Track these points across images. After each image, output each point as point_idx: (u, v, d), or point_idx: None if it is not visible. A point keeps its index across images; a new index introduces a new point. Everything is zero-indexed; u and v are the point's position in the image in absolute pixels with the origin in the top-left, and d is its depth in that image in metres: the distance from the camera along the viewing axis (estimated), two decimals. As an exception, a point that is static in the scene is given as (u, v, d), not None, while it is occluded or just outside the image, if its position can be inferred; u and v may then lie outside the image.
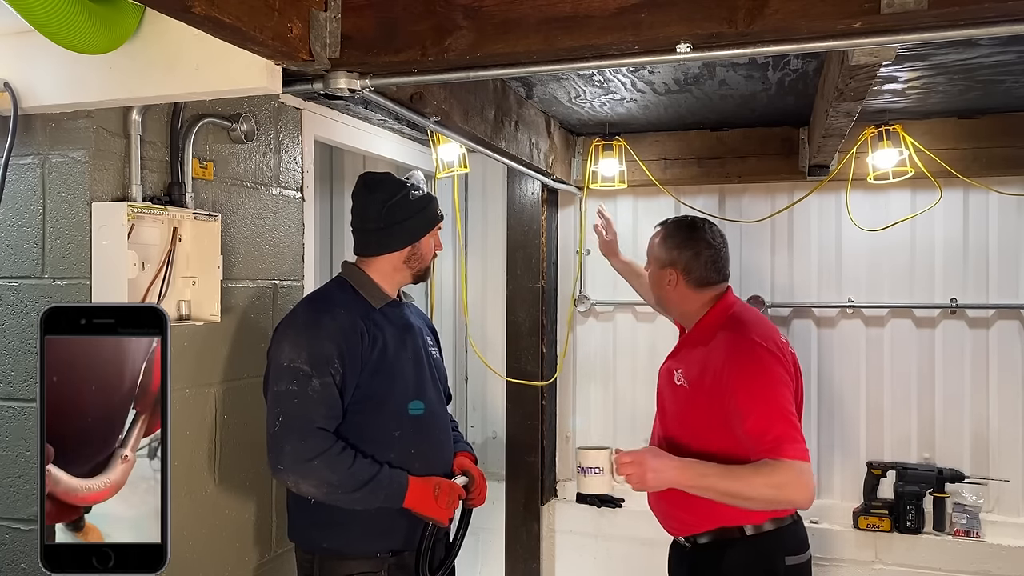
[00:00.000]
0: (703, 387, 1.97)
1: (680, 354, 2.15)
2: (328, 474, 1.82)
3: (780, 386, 1.90)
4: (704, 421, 1.97)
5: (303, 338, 1.88)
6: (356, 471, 1.85)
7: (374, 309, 2.01)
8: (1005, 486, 3.13)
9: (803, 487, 1.82)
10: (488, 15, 1.48)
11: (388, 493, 1.88)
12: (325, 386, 1.85)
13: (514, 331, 3.53)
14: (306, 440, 1.82)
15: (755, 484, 1.82)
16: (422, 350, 2.09)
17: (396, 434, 1.96)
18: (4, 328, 1.81)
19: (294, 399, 1.83)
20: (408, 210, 2.02)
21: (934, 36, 1.35)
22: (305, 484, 1.83)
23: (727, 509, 1.93)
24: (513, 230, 3.53)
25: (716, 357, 1.96)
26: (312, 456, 1.81)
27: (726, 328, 2.03)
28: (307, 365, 1.84)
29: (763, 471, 1.82)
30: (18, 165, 1.78)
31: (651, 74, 2.48)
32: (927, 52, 2.17)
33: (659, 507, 2.15)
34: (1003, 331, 3.15)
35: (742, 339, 1.97)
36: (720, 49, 1.43)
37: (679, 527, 2.12)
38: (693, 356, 2.06)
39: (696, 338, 2.10)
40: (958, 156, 2.98)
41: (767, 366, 1.91)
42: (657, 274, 2.17)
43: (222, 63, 1.52)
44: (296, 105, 2.38)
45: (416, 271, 2.09)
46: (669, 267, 2.13)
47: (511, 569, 3.54)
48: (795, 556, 2.02)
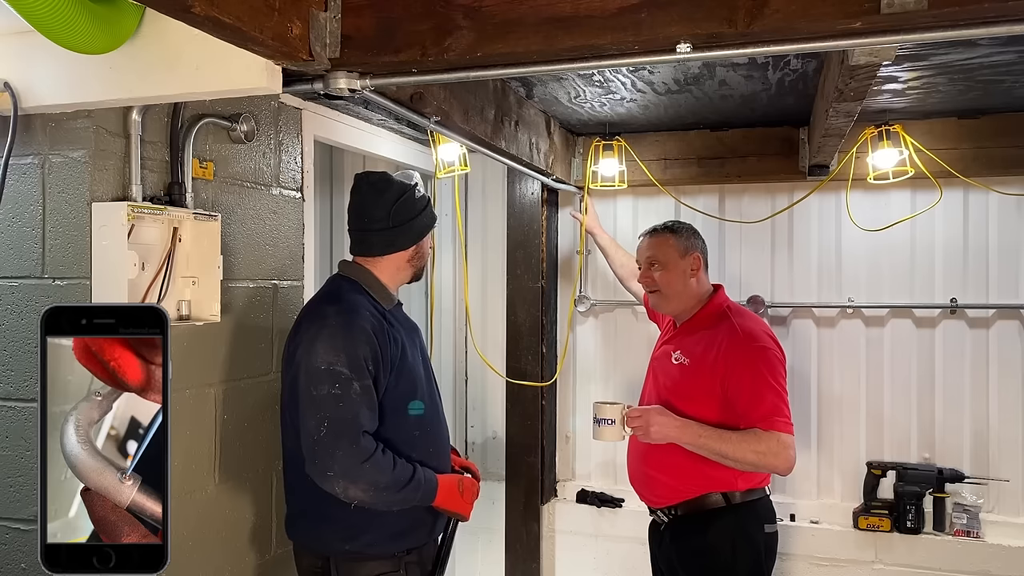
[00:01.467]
0: (706, 363, 2.28)
1: (677, 338, 2.43)
2: (377, 476, 1.82)
3: (779, 366, 2.24)
4: (702, 391, 2.27)
5: (339, 340, 1.86)
6: (399, 472, 1.86)
7: (387, 310, 2.03)
8: (1005, 486, 3.13)
9: (784, 457, 2.17)
10: (488, 15, 1.48)
11: (424, 492, 1.91)
12: (366, 389, 1.85)
13: (514, 331, 3.53)
14: (357, 444, 1.81)
15: (743, 448, 2.17)
16: (425, 350, 2.15)
17: (416, 434, 1.98)
18: (4, 328, 1.80)
19: (339, 403, 1.81)
20: (415, 209, 2.05)
21: (934, 36, 1.35)
22: (354, 489, 1.81)
23: (714, 475, 2.25)
24: (513, 230, 3.53)
25: (722, 339, 2.28)
26: (363, 459, 1.81)
27: (729, 316, 2.35)
28: (347, 368, 1.83)
29: (750, 438, 2.17)
30: (18, 165, 1.78)
31: (651, 74, 2.48)
32: (927, 52, 2.17)
33: (646, 476, 2.40)
34: (1003, 331, 3.15)
35: (751, 325, 2.31)
36: (720, 49, 1.43)
37: (664, 494, 2.37)
38: (694, 339, 2.36)
39: (697, 324, 2.40)
40: (958, 156, 2.98)
41: (769, 348, 2.26)
42: (680, 264, 2.40)
43: (222, 63, 1.52)
44: (296, 105, 2.38)
45: (416, 269, 2.12)
46: (693, 252, 2.42)
47: (511, 569, 3.54)
48: (770, 525, 2.36)
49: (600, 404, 2.31)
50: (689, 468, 2.30)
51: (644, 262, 2.48)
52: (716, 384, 2.25)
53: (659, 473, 2.37)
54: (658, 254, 2.44)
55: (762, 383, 2.20)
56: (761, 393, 2.20)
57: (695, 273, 2.42)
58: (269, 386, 2.20)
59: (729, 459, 2.20)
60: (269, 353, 2.24)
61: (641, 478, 2.45)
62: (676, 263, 2.41)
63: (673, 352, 2.40)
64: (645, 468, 2.42)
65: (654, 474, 2.39)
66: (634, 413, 2.27)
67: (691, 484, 2.32)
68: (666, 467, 2.35)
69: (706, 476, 2.29)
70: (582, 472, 3.68)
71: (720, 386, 2.25)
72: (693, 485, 2.32)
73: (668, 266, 2.42)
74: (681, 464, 2.31)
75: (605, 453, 3.59)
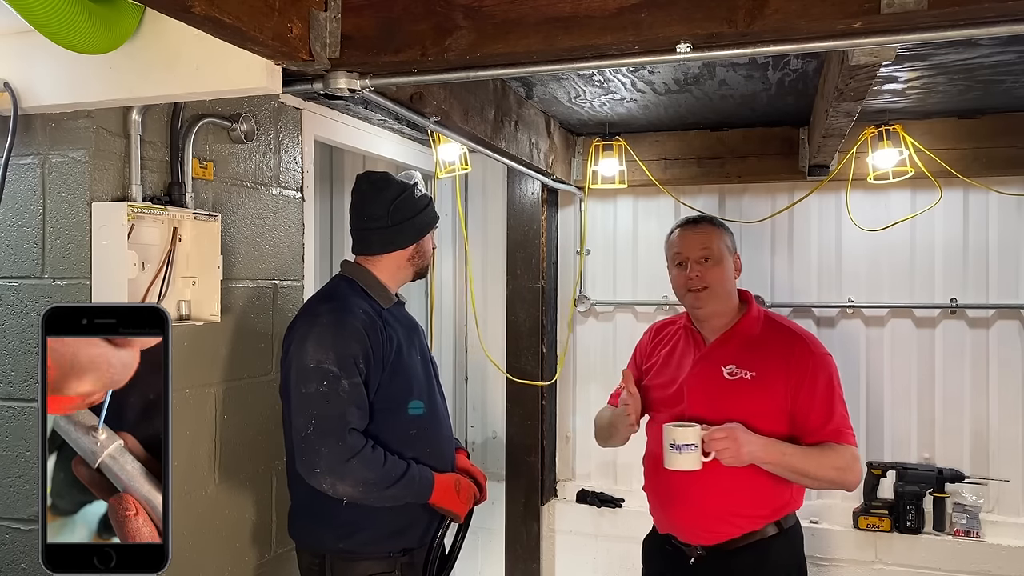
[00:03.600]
0: (776, 375, 2.06)
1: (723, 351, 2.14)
2: (366, 473, 1.83)
3: (839, 382, 2.10)
4: (773, 406, 2.05)
5: (328, 339, 1.88)
6: (389, 468, 1.87)
7: (384, 309, 2.02)
8: (1005, 486, 3.13)
9: (858, 471, 2.04)
10: (488, 15, 1.48)
11: (418, 489, 1.91)
12: (355, 386, 1.86)
13: (514, 331, 3.53)
14: (343, 441, 1.82)
15: (824, 465, 2.00)
16: (425, 349, 2.13)
17: (413, 433, 1.98)
18: (4, 328, 1.80)
19: (326, 400, 1.83)
20: (414, 207, 2.05)
21: (934, 36, 1.35)
22: (343, 485, 1.83)
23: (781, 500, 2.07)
24: (513, 230, 3.53)
25: (789, 349, 2.09)
26: (350, 456, 1.82)
27: (783, 324, 2.18)
28: (335, 366, 1.84)
29: (829, 453, 2.01)
30: (18, 165, 1.78)
31: (651, 74, 2.48)
32: (927, 52, 2.17)
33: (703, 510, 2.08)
34: (1003, 331, 3.15)
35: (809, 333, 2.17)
36: (720, 49, 1.43)
37: (726, 529, 2.07)
38: (752, 350, 2.12)
39: (746, 334, 2.15)
40: (958, 156, 2.98)
41: (831, 356, 2.12)
42: (729, 263, 2.16)
43: (222, 63, 1.52)
44: (296, 105, 2.38)
45: (418, 268, 2.11)
46: (735, 253, 2.21)
47: (511, 569, 3.54)
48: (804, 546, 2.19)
49: (675, 427, 1.98)
50: (766, 493, 2.05)
51: (692, 256, 2.13)
52: (787, 398, 2.04)
53: (725, 505, 2.06)
54: (712, 247, 2.13)
55: (833, 394, 2.05)
56: (832, 405, 2.04)
57: (738, 275, 2.20)
58: (269, 386, 2.20)
59: (808, 477, 2.02)
60: (269, 353, 2.24)
61: (693, 513, 2.10)
62: (726, 258, 2.15)
63: (724, 367, 2.11)
64: (704, 501, 2.06)
65: (716, 506, 2.06)
66: (718, 434, 1.94)
67: (763, 512, 2.07)
68: (737, 496, 2.05)
69: (780, 501, 2.08)
70: (582, 472, 3.68)
71: (791, 399, 2.04)
72: (765, 512, 2.07)
73: (722, 261, 2.13)
74: (758, 490, 2.04)
75: (605, 454, 3.58)
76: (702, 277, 2.12)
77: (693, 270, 2.13)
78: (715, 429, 1.96)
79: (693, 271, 2.13)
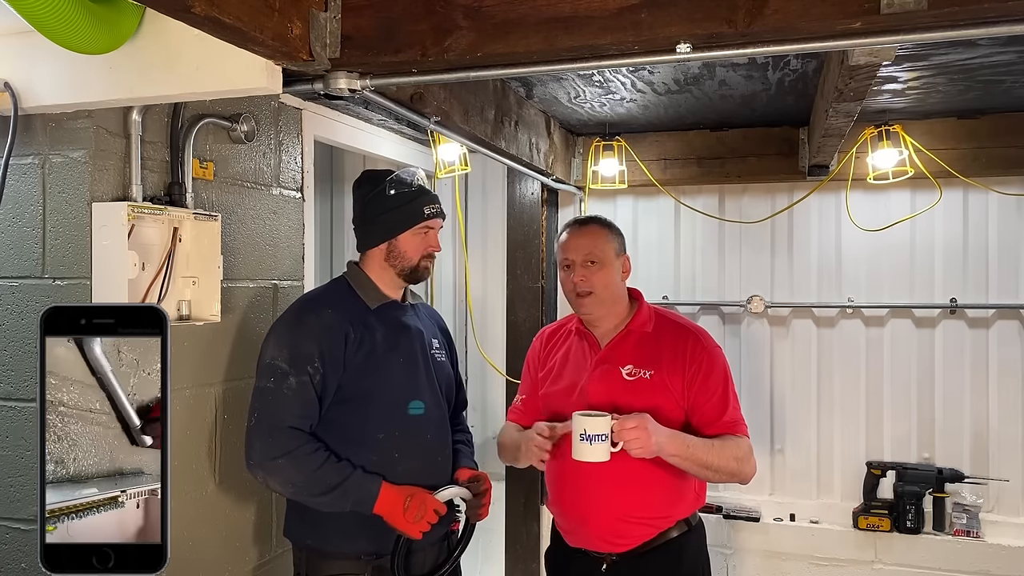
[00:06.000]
0: (672, 372, 2.05)
1: (618, 352, 2.11)
2: (293, 474, 1.83)
3: (731, 374, 2.12)
4: (672, 403, 2.04)
5: (286, 337, 1.90)
6: (323, 474, 1.83)
7: (369, 310, 1.98)
8: (1005, 486, 3.13)
9: (754, 463, 2.05)
10: (488, 15, 1.48)
11: (356, 499, 1.84)
12: (301, 385, 1.85)
13: (514, 331, 3.53)
14: (273, 438, 1.83)
15: (725, 456, 1.99)
16: (419, 352, 2.03)
17: (380, 436, 1.92)
18: (4, 328, 1.80)
19: (269, 397, 1.85)
20: (382, 206, 1.97)
21: (934, 36, 1.35)
22: (272, 481, 1.85)
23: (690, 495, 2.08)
24: (513, 230, 3.54)
25: (682, 344, 2.08)
26: (278, 455, 1.82)
27: (672, 319, 2.17)
28: (286, 363, 1.85)
29: (729, 444, 2.00)
30: (18, 165, 1.78)
31: (651, 74, 2.48)
32: (927, 52, 2.17)
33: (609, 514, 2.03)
34: (1003, 331, 3.15)
35: (698, 326, 2.18)
36: (720, 49, 1.43)
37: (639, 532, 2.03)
38: (647, 349, 2.10)
39: (638, 333, 2.12)
40: (958, 156, 2.99)
41: (723, 357, 2.12)
42: (616, 263, 2.12)
43: (222, 63, 1.52)
44: (296, 105, 2.38)
45: (399, 270, 2.00)
46: (623, 254, 2.17)
47: (511, 569, 3.54)
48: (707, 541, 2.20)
49: (585, 417, 1.88)
50: (675, 491, 2.04)
51: (578, 260, 2.09)
52: (684, 393, 2.04)
53: (640, 507, 2.02)
54: (596, 250, 2.09)
55: (727, 386, 2.06)
56: (727, 397, 2.05)
57: (626, 276, 2.16)
58: (269, 386, 2.20)
59: (711, 469, 1.98)
60: (269, 353, 2.24)
61: (610, 519, 2.03)
62: (613, 261, 2.11)
63: (622, 368, 2.07)
64: (618, 507, 2.02)
65: (630, 510, 2.02)
66: (629, 423, 1.86)
67: (675, 511, 2.05)
68: (650, 497, 2.02)
69: (689, 498, 2.08)
70: (582, 472, 3.68)
71: (687, 393, 2.04)
72: (677, 511, 2.06)
73: (607, 264, 2.09)
74: (668, 489, 2.02)
75: (605, 453, 3.59)
76: (587, 281, 2.08)
77: (578, 274, 2.10)
78: (626, 418, 1.89)
79: (578, 275, 2.10)
